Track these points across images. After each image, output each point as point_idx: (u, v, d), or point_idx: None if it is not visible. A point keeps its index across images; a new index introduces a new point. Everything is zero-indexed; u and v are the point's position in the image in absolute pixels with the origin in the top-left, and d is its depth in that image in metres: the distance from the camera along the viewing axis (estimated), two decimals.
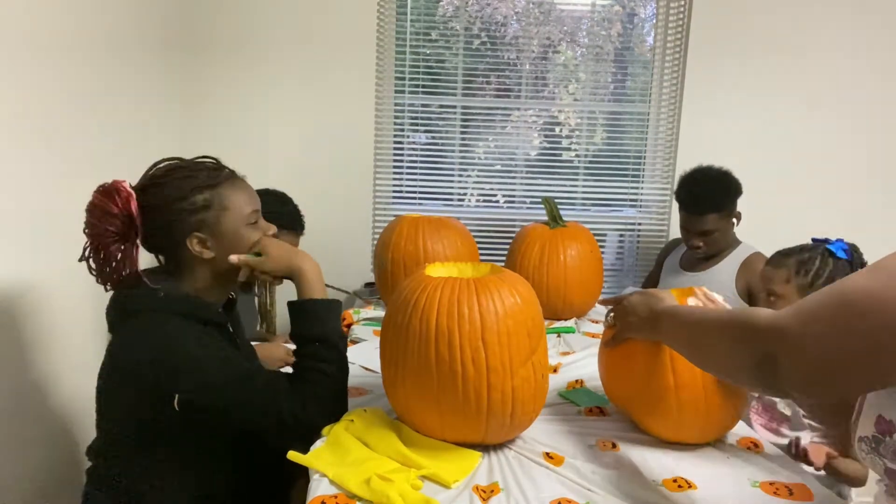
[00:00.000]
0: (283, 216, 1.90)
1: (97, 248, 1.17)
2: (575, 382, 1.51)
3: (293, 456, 1.07)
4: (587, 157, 2.87)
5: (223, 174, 1.24)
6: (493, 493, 1.02)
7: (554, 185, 2.85)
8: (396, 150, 2.78)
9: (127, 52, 1.94)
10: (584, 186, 2.87)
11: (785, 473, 1.12)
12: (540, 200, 2.44)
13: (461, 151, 2.83)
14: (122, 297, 1.20)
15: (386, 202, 2.80)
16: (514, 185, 2.87)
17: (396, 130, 2.77)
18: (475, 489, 1.03)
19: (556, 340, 1.87)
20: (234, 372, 1.17)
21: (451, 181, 2.85)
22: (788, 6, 2.62)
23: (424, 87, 2.77)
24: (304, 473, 1.08)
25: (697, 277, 2.25)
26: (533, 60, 2.81)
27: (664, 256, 2.52)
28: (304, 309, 1.23)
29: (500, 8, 2.77)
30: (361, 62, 2.61)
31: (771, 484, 1.08)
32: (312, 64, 2.60)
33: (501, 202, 2.93)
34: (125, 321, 1.19)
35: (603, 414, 1.35)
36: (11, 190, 1.39)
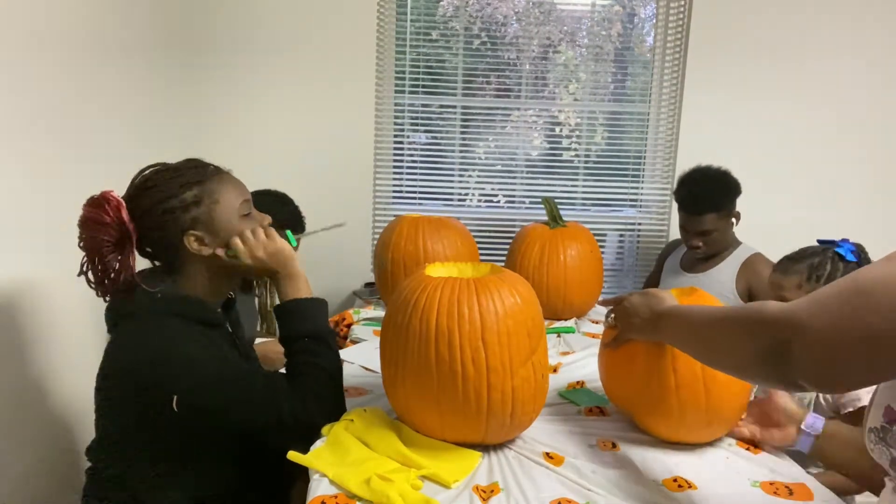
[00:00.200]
0: (283, 216, 1.89)
1: (94, 260, 1.17)
2: (576, 383, 1.51)
3: (293, 456, 1.07)
4: (587, 157, 2.87)
5: (209, 170, 1.24)
6: (493, 493, 1.02)
7: (554, 184, 2.86)
8: (396, 150, 2.79)
9: (127, 52, 1.94)
10: (584, 186, 2.87)
11: (785, 473, 1.12)
12: (540, 200, 2.44)
13: (461, 151, 2.84)
14: (120, 299, 1.20)
15: (386, 202, 2.80)
16: (514, 184, 2.87)
17: (396, 130, 2.77)
18: (475, 489, 1.03)
19: (556, 340, 1.87)
20: (232, 372, 1.17)
21: (451, 181, 2.85)
22: (788, 6, 2.62)
23: (424, 87, 2.77)
24: (304, 473, 1.08)
25: (698, 278, 2.25)
26: (533, 60, 2.81)
27: (665, 257, 2.52)
28: (289, 309, 1.24)
29: (500, 8, 2.77)
30: (361, 62, 2.61)
31: (771, 484, 1.08)
32: (312, 64, 2.60)
33: (501, 202, 2.93)
34: (124, 323, 1.19)
35: (603, 414, 1.35)
36: (11, 190, 1.39)
